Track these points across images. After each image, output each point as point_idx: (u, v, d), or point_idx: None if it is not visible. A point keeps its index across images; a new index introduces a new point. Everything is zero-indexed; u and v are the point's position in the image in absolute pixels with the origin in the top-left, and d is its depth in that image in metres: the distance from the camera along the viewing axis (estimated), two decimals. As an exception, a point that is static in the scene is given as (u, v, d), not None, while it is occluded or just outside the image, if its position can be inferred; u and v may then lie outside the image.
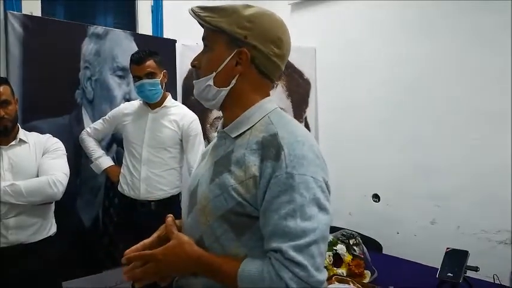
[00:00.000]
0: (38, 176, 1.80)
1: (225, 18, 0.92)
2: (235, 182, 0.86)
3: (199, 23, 0.97)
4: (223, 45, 0.93)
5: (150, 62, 2.11)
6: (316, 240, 0.80)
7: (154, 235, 1.00)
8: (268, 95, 0.99)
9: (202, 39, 0.98)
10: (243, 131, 0.94)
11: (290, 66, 2.98)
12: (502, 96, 2.17)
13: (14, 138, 1.84)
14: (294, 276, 0.77)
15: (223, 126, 1.00)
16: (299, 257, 0.78)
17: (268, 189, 0.83)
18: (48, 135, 1.98)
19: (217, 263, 0.86)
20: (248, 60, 0.93)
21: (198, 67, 0.98)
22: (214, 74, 0.94)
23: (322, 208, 0.82)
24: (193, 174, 1.05)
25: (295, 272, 0.77)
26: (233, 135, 0.94)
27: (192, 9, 0.96)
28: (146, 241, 0.98)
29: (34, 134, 1.95)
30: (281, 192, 0.81)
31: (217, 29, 0.93)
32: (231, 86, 0.94)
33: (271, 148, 0.85)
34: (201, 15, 0.94)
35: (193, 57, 1.00)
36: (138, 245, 0.96)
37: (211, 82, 0.95)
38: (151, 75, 2.11)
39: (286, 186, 0.81)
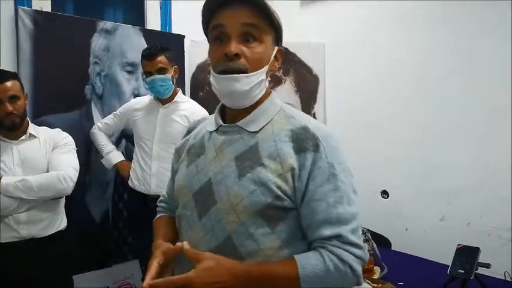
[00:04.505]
0: (48, 171, 1.81)
1: (275, 15, 0.88)
2: (273, 175, 0.84)
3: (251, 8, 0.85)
4: (270, 40, 0.90)
5: (162, 58, 2.11)
6: (358, 222, 0.85)
7: (154, 263, 0.84)
8: None
9: (248, 25, 0.85)
10: (263, 125, 0.90)
11: (299, 62, 2.96)
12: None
13: (24, 132, 1.84)
14: (355, 258, 0.82)
15: (225, 121, 0.95)
16: (356, 239, 0.83)
17: (310, 180, 0.84)
18: (57, 129, 1.98)
19: (270, 270, 0.80)
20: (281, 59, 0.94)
21: (240, 57, 0.85)
22: (266, 68, 0.89)
23: (355, 194, 0.88)
24: (192, 172, 0.95)
25: (356, 253, 0.82)
26: (252, 130, 0.90)
27: None
28: (152, 271, 0.83)
29: (44, 128, 1.95)
30: (324, 181, 0.83)
31: (273, 23, 0.89)
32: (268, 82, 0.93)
33: (307, 140, 0.85)
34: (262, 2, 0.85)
35: (230, 46, 0.84)
36: (152, 272, 0.82)
37: (264, 76, 0.89)
38: (162, 70, 2.11)
39: (329, 176, 0.84)
